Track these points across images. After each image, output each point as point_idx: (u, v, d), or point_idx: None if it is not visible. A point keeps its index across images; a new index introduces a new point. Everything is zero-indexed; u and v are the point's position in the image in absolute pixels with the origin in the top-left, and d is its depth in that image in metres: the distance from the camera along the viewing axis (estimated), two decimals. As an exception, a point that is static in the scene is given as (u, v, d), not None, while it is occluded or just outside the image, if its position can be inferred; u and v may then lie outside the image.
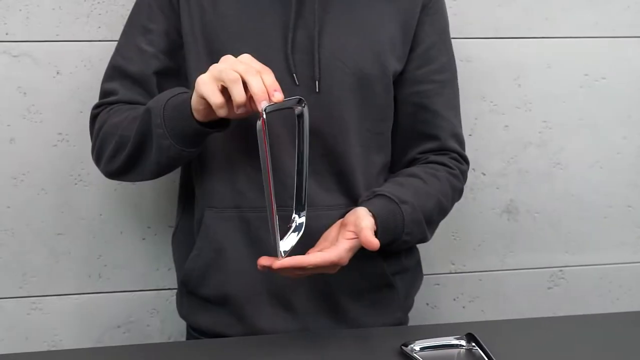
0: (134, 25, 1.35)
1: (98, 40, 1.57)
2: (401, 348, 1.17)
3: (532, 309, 1.82)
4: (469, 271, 1.80)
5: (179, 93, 1.21)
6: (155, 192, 1.65)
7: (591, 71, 1.76)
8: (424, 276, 1.76)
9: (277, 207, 1.24)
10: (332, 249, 1.17)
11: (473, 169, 1.74)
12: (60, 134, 1.59)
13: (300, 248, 1.21)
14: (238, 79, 1.10)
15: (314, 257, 1.15)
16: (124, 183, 1.63)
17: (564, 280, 1.83)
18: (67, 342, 1.66)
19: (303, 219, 1.22)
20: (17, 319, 1.64)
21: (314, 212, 1.28)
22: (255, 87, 1.10)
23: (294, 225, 1.21)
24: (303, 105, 1.18)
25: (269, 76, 1.12)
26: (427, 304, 1.79)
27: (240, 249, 1.29)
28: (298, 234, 1.20)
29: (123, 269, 1.66)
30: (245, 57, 1.14)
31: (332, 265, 1.16)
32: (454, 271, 1.79)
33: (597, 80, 1.76)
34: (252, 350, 1.20)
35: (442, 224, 1.73)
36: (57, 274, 1.64)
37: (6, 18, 1.54)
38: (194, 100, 1.15)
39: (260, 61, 1.24)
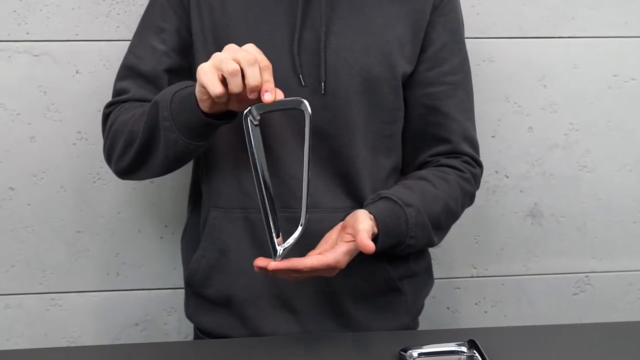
0: (147, 25, 1.36)
1: (117, 39, 1.58)
2: (400, 354, 1.16)
3: (556, 315, 1.77)
4: (491, 275, 1.76)
5: (186, 86, 1.20)
6: (173, 191, 1.65)
7: (620, 72, 1.71)
8: (445, 280, 1.75)
9: (279, 208, 1.25)
10: (330, 252, 1.16)
11: (496, 172, 1.72)
12: (79, 132, 1.61)
13: (303, 250, 1.20)
14: (237, 71, 1.09)
15: (309, 260, 1.14)
16: (142, 182, 1.64)
17: (590, 286, 1.78)
18: (86, 339, 1.68)
19: (303, 222, 1.20)
20: (37, 315, 1.66)
21: (319, 214, 1.27)
22: (251, 79, 1.09)
23: (300, 228, 1.20)
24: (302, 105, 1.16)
25: (266, 72, 1.10)
26: (448, 308, 1.76)
27: (245, 250, 1.29)
28: (294, 237, 1.18)
29: (141, 267, 1.67)
30: (250, 47, 1.12)
31: (329, 268, 1.15)
32: (475, 275, 1.76)
33: (626, 81, 1.71)
34: (245, 351, 1.20)
35: (463, 227, 1.72)
36: (76, 271, 1.66)
37: (27, 18, 1.56)
38: (197, 90, 1.14)
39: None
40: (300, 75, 1.26)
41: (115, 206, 1.65)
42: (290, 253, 1.17)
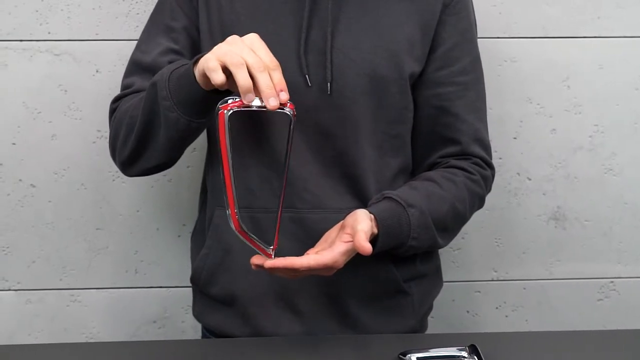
0: (156, 24, 1.36)
1: (136, 39, 1.55)
2: (399, 357, 1.14)
3: (579, 321, 1.74)
4: (512, 279, 1.73)
5: (182, 64, 1.19)
6: (191, 190, 1.66)
7: (647, 73, 1.67)
8: (465, 283, 1.73)
9: (284, 208, 1.25)
10: (327, 251, 1.15)
11: (517, 174, 1.69)
12: (99, 130, 1.63)
13: (304, 249, 1.19)
14: (242, 64, 1.07)
15: (306, 259, 1.13)
16: (160, 180, 1.65)
17: (616, 292, 1.74)
18: (104, 335, 1.70)
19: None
20: (57, 310, 1.69)
21: (323, 214, 1.27)
22: (263, 84, 1.07)
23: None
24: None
25: (277, 73, 1.09)
26: (468, 312, 1.74)
27: (249, 250, 1.27)
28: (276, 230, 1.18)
29: (159, 265, 1.69)
30: (252, 41, 1.10)
31: (327, 268, 1.14)
32: (496, 279, 1.73)
33: (653, 82, 1.67)
34: (237, 350, 1.19)
35: (484, 229, 1.70)
36: (96, 267, 1.68)
37: (48, 18, 1.59)
38: (197, 76, 1.13)
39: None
40: (307, 76, 1.25)
41: (133, 204, 1.66)
42: (291, 252, 1.17)
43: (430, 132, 1.34)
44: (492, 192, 1.65)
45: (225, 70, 1.09)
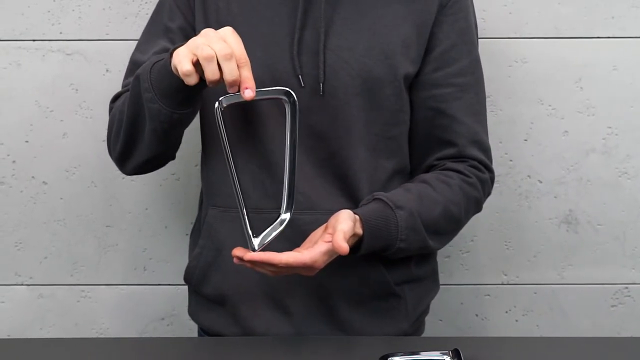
0: (155, 24, 1.37)
1: (145, 39, 1.61)
2: (379, 360, 1.13)
3: (592, 327, 1.70)
4: (523, 283, 1.70)
5: (164, 58, 1.19)
6: (199, 188, 1.66)
7: (663, 74, 1.62)
8: (473, 286, 1.71)
9: (275, 208, 1.25)
10: (308, 250, 1.15)
11: (528, 176, 1.66)
12: (108, 129, 1.65)
13: (291, 248, 1.19)
14: (212, 57, 1.08)
15: (285, 256, 1.13)
16: (169, 179, 1.67)
17: (630, 298, 1.70)
18: (114, 331, 1.73)
19: (288, 215, 1.18)
20: (68, 305, 1.71)
21: (314, 215, 1.26)
22: (228, 74, 1.08)
23: (277, 220, 1.19)
24: (291, 99, 1.16)
25: (245, 70, 1.09)
26: (477, 315, 1.72)
27: (240, 249, 1.28)
28: (277, 230, 1.17)
29: (167, 262, 1.70)
30: (226, 34, 1.10)
31: (307, 267, 1.14)
32: (506, 282, 1.70)
33: (669, 84, 1.63)
34: (217, 349, 1.20)
35: (494, 232, 1.68)
36: (105, 264, 1.70)
37: (60, 18, 1.62)
38: (173, 68, 1.13)
39: (268, 62, 1.23)
40: (300, 76, 1.25)
41: (142, 202, 1.68)
42: (277, 250, 1.16)
43: (427, 134, 1.32)
44: (502, 194, 1.65)
45: (197, 66, 1.10)
